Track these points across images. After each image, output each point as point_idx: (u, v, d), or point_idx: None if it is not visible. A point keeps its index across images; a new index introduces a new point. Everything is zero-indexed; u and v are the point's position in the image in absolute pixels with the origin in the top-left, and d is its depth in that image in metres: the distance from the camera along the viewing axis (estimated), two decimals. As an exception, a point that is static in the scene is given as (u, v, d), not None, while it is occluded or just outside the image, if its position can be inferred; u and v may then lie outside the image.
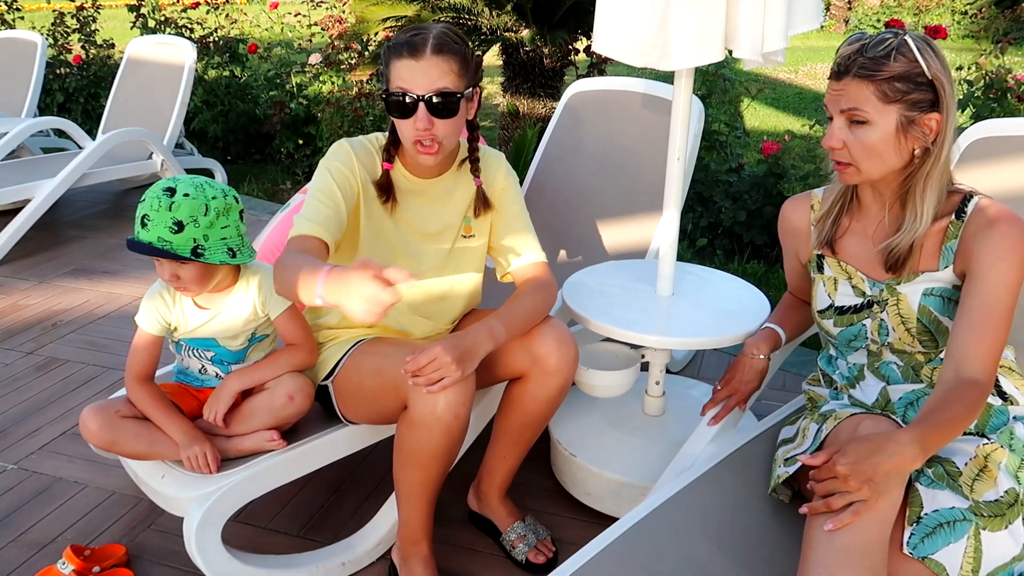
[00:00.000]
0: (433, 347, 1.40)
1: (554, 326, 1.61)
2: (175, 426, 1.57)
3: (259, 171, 5.08)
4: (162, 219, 1.46)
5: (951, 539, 1.16)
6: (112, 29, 8.54)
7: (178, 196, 1.47)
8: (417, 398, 1.44)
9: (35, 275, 3.42)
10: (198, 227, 1.48)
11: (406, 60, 1.47)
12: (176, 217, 1.46)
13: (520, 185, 2.52)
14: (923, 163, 1.31)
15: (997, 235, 1.28)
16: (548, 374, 1.60)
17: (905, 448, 1.14)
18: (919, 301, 1.36)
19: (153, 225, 1.46)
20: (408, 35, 1.49)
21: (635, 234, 2.30)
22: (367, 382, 1.58)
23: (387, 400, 1.54)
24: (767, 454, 1.55)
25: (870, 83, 1.25)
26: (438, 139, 1.51)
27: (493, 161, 1.73)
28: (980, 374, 1.24)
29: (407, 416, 1.48)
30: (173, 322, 1.63)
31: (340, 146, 1.59)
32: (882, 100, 1.26)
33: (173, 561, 1.77)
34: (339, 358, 1.64)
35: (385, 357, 1.56)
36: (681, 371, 2.59)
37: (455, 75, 1.48)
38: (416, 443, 1.49)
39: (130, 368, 1.62)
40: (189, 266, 1.51)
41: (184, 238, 1.46)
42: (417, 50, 1.46)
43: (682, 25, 1.51)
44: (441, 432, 1.45)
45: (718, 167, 3.60)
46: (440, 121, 1.49)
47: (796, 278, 1.67)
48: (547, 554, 1.76)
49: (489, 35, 3.94)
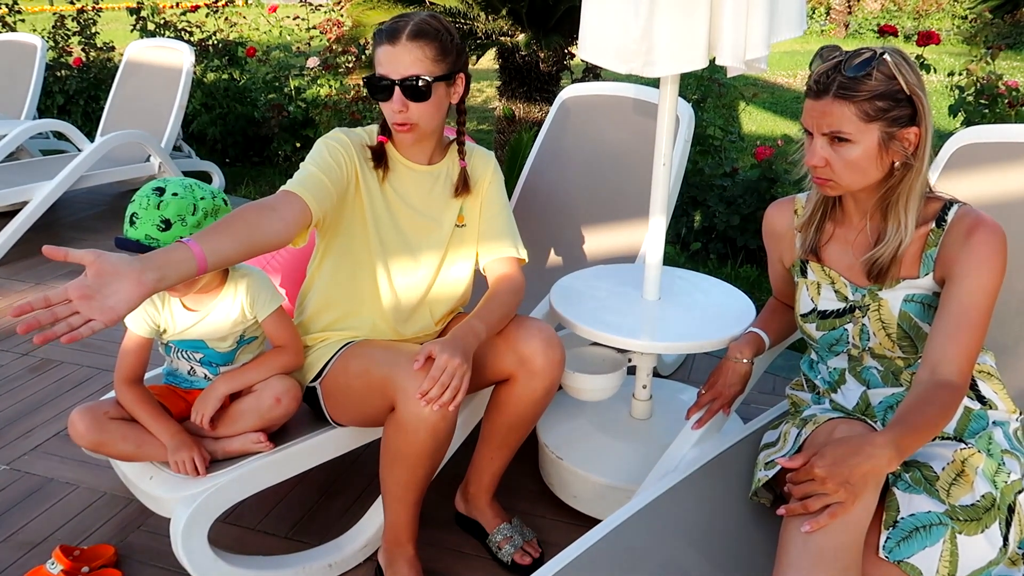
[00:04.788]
0: (439, 355, 1.43)
1: (540, 328, 1.63)
2: (163, 429, 1.59)
3: (257, 173, 5.10)
4: (150, 217, 1.48)
5: (927, 543, 1.17)
6: (112, 32, 8.57)
7: (167, 195, 1.49)
8: (404, 400, 1.45)
9: (32, 276, 3.44)
10: (185, 226, 1.49)
11: (385, 46, 1.54)
12: (164, 215, 1.48)
13: (514, 188, 2.57)
14: (904, 176, 1.32)
15: (976, 242, 1.29)
16: (534, 376, 1.61)
17: (881, 450, 1.16)
18: (900, 307, 1.37)
19: (141, 223, 1.48)
20: (392, 21, 1.55)
21: (625, 238, 2.31)
22: (355, 384, 1.59)
23: (374, 402, 1.55)
24: (750, 458, 1.56)
25: (851, 104, 1.26)
26: (412, 120, 1.58)
27: (483, 157, 1.79)
28: (955, 376, 1.25)
29: (394, 418, 1.50)
30: (162, 324, 1.65)
31: (338, 131, 1.64)
32: (863, 119, 1.27)
33: (162, 562, 1.78)
34: (327, 360, 1.66)
35: (372, 359, 1.57)
36: (671, 375, 2.60)
37: (430, 61, 1.54)
38: (403, 444, 1.50)
39: (119, 370, 1.63)
40: None
41: (171, 236, 1.48)
42: (395, 36, 1.53)
43: (666, 32, 1.53)
44: (428, 433, 1.47)
45: (712, 171, 3.62)
46: (415, 104, 1.56)
47: (780, 282, 1.68)
48: (533, 555, 1.78)
49: (485, 39, 3.96)
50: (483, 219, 1.77)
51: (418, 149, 1.69)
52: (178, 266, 1.20)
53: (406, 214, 1.69)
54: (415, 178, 1.70)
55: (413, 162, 1.69)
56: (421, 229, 1.71)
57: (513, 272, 1.73)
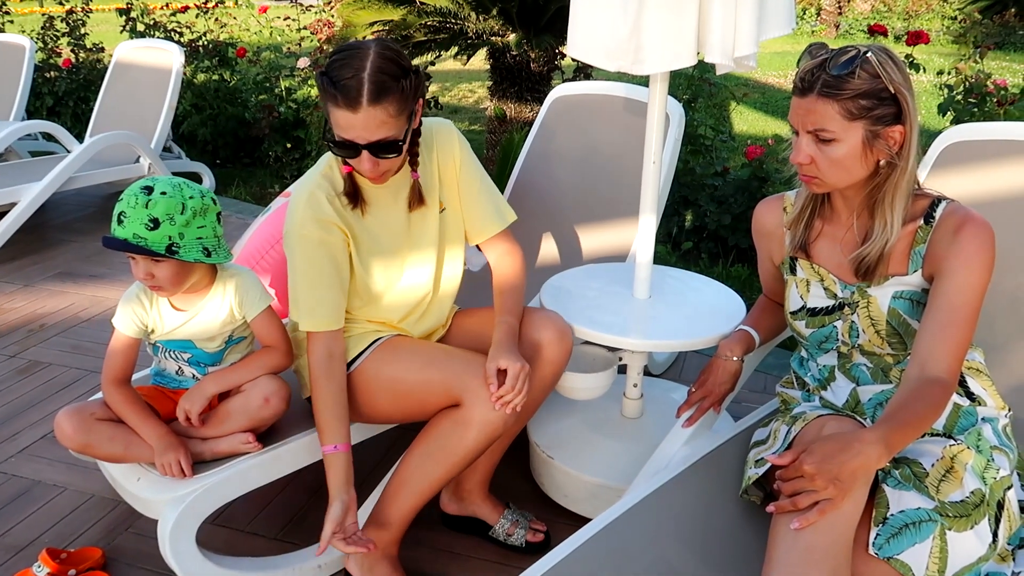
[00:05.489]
0: (510, 365, 1.50)
1: (553, 319, 1.67)
2: (150, 430, 1.57)
3: (248, 174, 5.08)
4: (138, 216, 1.47)
5: (916, 539, 1.17)
6: (102, 33, 8.53)
7: (155, 194, 1.48)
8: (473, 400, 1.50)
9: (21, 278, 3.42)
10: (174, 225, 1.48)
11: (343, 111, 1.41)
12: (152, 214, 1.47)
13: (506, 187, 2.56)
14: (890, 174, 1.32)
15: (964, 238, 1.29)
16: (546, 363, 1.65)
17: (870, 447, 1.15)
18: (888, 304, 1.37)
19: (129, 222, 1.47)
20: (341, 76, 1.40)
21: (615, 237, 2.31)
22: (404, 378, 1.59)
23: (428, 398, 1.57)
24: (741, 456, 1.56)
25: (835, 102, 1.26)
26: (384, 169, 1.52)
27: (443, 134, 1.69)
28: (944, 373, 1.25)
29: (456, 415, 1.52)
30: (150, 324, 1.63)
31: (304, 201, 1.54)
32: (847, 118, 1.27)
33: (150, 564, 1.77)
34: (358, 352, 1.64)
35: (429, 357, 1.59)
36: (663, 374, 2.60)
37: (394, 119, 1.44)
38: (457, 442, 1.53)
39: (106, 371, 1.62)
40: (164, 264, 1.52)
41: (159, 235, 1.47)
42: (353, 102, 1.40)
43: (655, 30, 1.53)
44: (487, 434, 1.52)
45: (703, 171, 3.62)
46: (385, 160, 1.49)
47: (770, 280, 1.68)
48: (542, 531, 1.83)
49: (476, 39, 3.96)
50: (464, 199, 1.73)
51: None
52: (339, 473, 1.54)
53: (394, 229, 1.65)
54: (388, 192, 1.64)
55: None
56: (412, 238, 1.67)
57: (510, 245, 1.76)
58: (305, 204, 1.54)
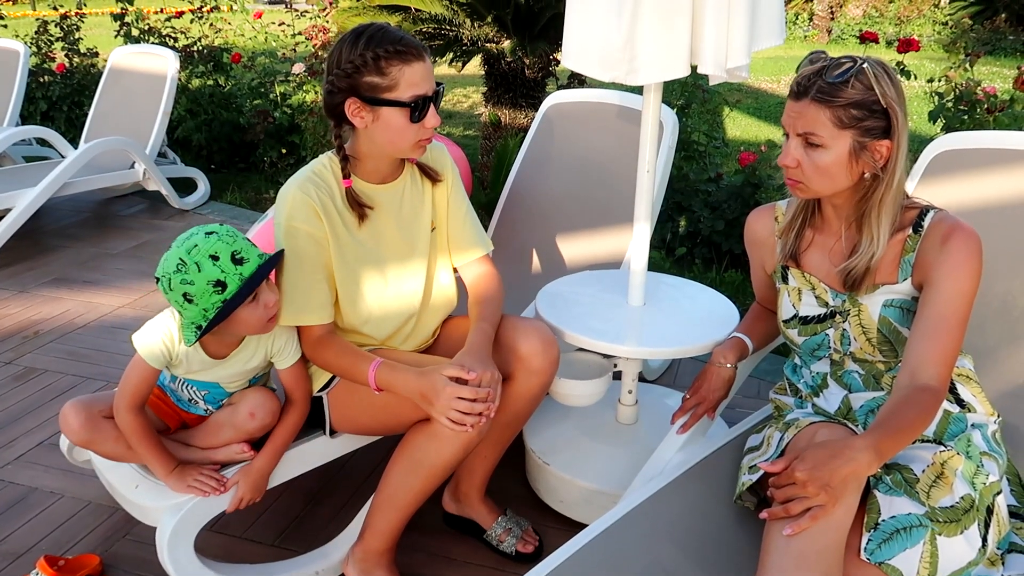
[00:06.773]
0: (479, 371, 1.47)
1: (538, 328, 1.66)
2: (158, 463, 1.54)
3: (243, 180, 5.08)
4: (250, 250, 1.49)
5: (907, 544, 1.19)
6: (96, 38, 8.53)
7: (214, 234, 1.48)
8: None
9: (16, 284, 3.41)
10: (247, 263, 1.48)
11: (418, 63, 1.49)
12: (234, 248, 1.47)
13: (500, 194, 2.58)
14: (875, 188, 1.34)
15: (952, 247, 1.32)
16: (532, 374, 1.64)
17: (861, 454, 1.17)
18: (879, 312, 1.39)
19: (248, 254, 1.47)
20: (395, 36, 1.48)
21: (610, 244, 2.32)
22: (373, 399, 1.58)
23: (401, 412, 1.57)
24: (734, 462, 1.58)
25: (827, 108, 1.29)
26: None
27: (436, 151, 1.74)
28: (934, 380, 1.27)
29: (428, 428, 1.52)
30: (174, 358, 1.56)
31: (296, 197, 1.54)
32: (837, 125, 1.29)
33: (147, 571, 1.78)
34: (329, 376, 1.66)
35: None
36: (657, 380, 2.61)
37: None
38: (433, 454, 1.53)
39: (123, 396, 1.52)
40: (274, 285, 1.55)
41: (247, 268, 1.48)
42: (420, 51, 1.50)
43: (648, 41, 1.54)
44: (462, 444, 1.51)
45: (697, 177, 3.64)
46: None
47: (763, 288, 1.70)
48: (533, 543, 1.82)
49: (471, 46, 3.97)
50: (451, 222, 1.76)
51: (384, 164, 1.63)
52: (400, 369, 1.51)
53: (390, 238, 1.66)
54: (390, 196, 1.65)
55: (382, 183, 1.64)
56: (405, 248, 1.67)
57: (491, 268, 1.78)
58: (293, 197, 1.55)
